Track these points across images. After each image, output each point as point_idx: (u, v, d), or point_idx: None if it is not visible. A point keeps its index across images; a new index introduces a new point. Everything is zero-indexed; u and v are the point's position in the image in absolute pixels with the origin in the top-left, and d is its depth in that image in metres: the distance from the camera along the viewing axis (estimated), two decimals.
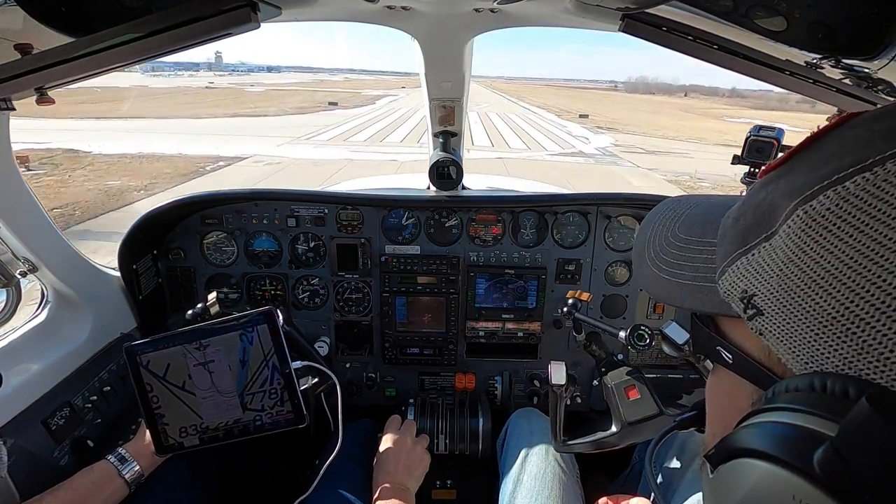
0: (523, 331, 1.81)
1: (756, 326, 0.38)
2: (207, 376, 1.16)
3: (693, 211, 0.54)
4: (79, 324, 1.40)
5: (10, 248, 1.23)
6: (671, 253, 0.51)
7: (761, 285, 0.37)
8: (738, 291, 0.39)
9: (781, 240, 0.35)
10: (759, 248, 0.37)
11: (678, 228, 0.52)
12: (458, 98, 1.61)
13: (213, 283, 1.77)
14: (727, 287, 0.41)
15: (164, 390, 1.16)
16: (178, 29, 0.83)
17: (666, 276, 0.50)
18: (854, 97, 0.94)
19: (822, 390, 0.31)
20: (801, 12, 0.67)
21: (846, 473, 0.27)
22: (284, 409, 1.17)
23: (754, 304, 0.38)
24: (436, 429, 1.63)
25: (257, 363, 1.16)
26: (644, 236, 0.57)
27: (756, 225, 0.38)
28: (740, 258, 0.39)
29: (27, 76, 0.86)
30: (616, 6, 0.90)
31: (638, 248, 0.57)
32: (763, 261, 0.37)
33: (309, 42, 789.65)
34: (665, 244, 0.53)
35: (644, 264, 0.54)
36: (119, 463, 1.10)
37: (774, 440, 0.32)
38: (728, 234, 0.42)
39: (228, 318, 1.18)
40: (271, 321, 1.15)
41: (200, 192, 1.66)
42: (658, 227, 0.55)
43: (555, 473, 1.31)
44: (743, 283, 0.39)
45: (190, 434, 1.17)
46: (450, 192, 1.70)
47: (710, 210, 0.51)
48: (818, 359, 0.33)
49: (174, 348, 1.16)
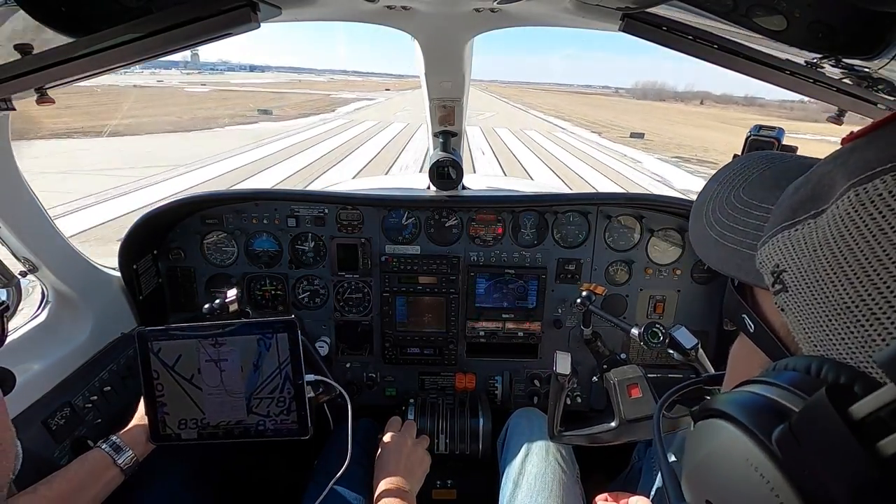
0: (523, 331, 1.81)
1: (780, 302, 0.38)
2: (217, 374, 1.16)
3: (765, 172, 0.51)
4: (79, 324, 1.40)
5: (10, 248, 1.23)
6: (728, 214, 0.49)
7: (793, 262, 0.36)
8: (771, 264, 0.39)
9: (826, 220, 0.34)
10: (803, 224, 0.36)
11: (743, 190, 0.50)
12: (458, 98, 1.61)
13: (213, 283, 1.77)
14: (763, 258, 0.40)
15: (170, 380, 1.17)
16: (178, 29, 0.83)
17: (714, 236, 0.49)
18: (854, 97, 0.94)
19: (815, 374, 0.32)
20: (801, 12, 0.67)
21: (796, 452, 0.29)
22: (290, 419, 1.17)
23: (782, 280, 0.37)
24: (436, 429, 1.63)
25: (271, 370, 1.16)
26: (708, 192, 0.54)
27: (811, 199, 0.36)
28: (784, 231, 0.38)
29: (27, 76, 0.86)
30: (616, 6, 0.90)
31: (699, 203, 0.55)
32: (803, 238, 0.36)
33: (298, 42, 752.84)
34: (725, 204, 0.50)
35: (699, 221, 0.52)
36: (114, 452, 1.10)
37: (745, 408, 0.34)
38: (783, 204, 0.40)
39: (250, 320, 1.18)
40: (293, 332, 1.15)
41: (201, 192, 1.66)
42: (725, 184, 0.53)
43: (555, 473, 1.31)
44: (777, 257, 0.38)
45: (189, 427, 1.17)
46: (450, 192, 1.70)
47: (781, 173, 0.49)
48: (826, 344, 0.34)
49: (189, 341, 1.16)
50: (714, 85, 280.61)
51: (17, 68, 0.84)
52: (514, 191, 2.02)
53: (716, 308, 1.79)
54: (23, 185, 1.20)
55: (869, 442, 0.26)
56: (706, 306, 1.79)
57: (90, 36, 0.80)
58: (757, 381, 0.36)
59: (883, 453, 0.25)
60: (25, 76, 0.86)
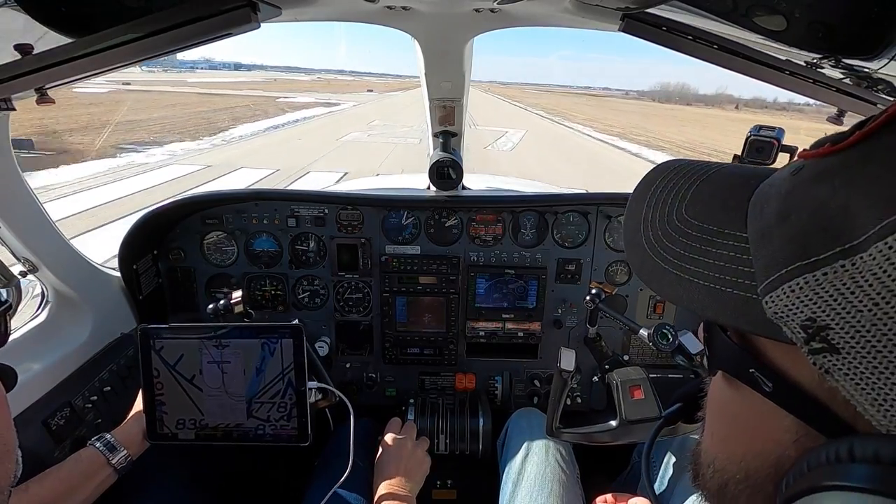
0: (523, 331, 1.81)
1: (822, 363, 0.30)
2: (219, 375, 1.16)
3: (701, 188, 0.43)
4: (79, 324, 1.40)
5: (10, 248, 1.23)
6: (680, 242, 0.41)
7: (839, 318, 0.29)
8: (798, 317, 0.31)
9: (875, 262, 0.27)
10: (833, 268, 0.29)
11: (685, 209, 0.42)
12: (458, 98, 1.61)
13: (213, 283, 1.77)
14: (781, 308, 0.32)
15: (170, 379, 1.16)
16: (178, 29, 0.83)
17: (675, 272, 0.40)
18: (854, 97, 0.94)
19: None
20: (801, 12, 0.67)
21: None
22: (290, 426, 1.17)
23: (826, 339, 0.30)
24: (436, 429, 1.63)
25: (273, 375, 1.15)
26: (638, 214, 0.46)
27: (821, 232, 0.30)
28: (802, 275, 0.31)
29: (27, 76, 0.86)
30: (616, 6, 0.90)
31: (630, 228, 0.46)
32: (842, 285, 0.29)
33: (298, 42, 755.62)
34: (670, 229, 0.42)
35: (641, 251, 0.44)
36: (108, 451, 1.09)
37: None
38: (773, 236, 0.34)
39: (257, 324, 1.18)
40: (298, 338, 1.15)
41: (201, 192, 1.66)
42: (658, 205, 0.45)
43: (555, 473, 1.31)
44: (809, 310, 0.30)
45: (187, 427, 1.17)
46: (450, 192, 1.70)
47: (726, 187, 0.42)
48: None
49: (192, 340, 1.16)
50: (741, 89, 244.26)
51: (17, 68, 0.84)
52: (514, 191, 2.02)
53: None
54: (23, 185, 1.20)
55: None
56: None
57: (90, 36, 0.80)
58: (839, 487, 0.28)
59: None
60: (25, 76, 0.86)
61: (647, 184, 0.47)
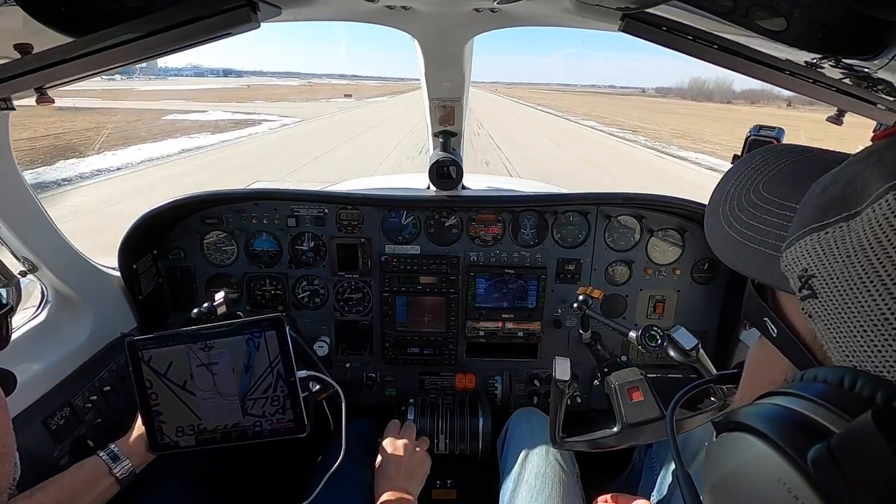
0: (523, 330, 1.81)
1: (807, 308, 0.36)
2: (210, 378, 1.16)
3: (786, 168, 0.48)
4: (79, 324, 1.40)
5: (11, 248, 1.23)
6: (747, 211, 0.47)
7: (824, 267, 0.35)
8: (798, 268, 0.37)
9: (861, 224, 0.32)
10: (835, 228, 0.34)
11: (763, 185, 0.47)
12: (458, 98, 1.61)
13: (213, 283, 1.77)
14: (790, 261, 0.38)
15: (163, 388, 1.16)
16: (178, 29, 0.83)
17: (734, 234, 0.46)
18: (854, 97, 0.94)
19: (849, 388, 0.30)
20: (801, 12, 0.67)
21: (835, 478, 0.27)
22: (286, 418, 1.16)
23: (811, 286, 0.36)
24: (436, 429, 1.63)
25: (262, 369, 1.15)
26: (725, 186, 0.51)
27: (842, 200, 0.34)
28: (813, 233, 0.36)
29: (27, 76, 0.86)
30: (616, 6, 0.90)
31: (715, 198, 0.52)
32: (834, 242, 0.34)
33: (269, 44, 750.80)
34: (744, 200, 0.48)
35: (716, 216, 0.50)
36: (111, 461, 1.10)
37: (776, 423, 0.32)
38: (810, 203, 0.38)
39: (237, 321, 1.17)
40: (280, 329, 1.14)
41: (200, 192, 1.66)
42: (744, 179, 0.50)
43: (555, 473, 1.31)
44: (806, 261, 0.36)
45: (186, 434, 1.17)
46: (450, 192, 1.70)
47: (804, 169, 0.46)
48: (859, 355, 0.33)
49: (178, 346, 1.16)
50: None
51: (17, 68, 0.84)
52: (514, 191, 2.02)
53: (716, 308, 1.79)
54: (23, 185, 1.20)
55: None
56: (706, 306, 1.79)
57: (90, 36, 0.80)
58: (784, 392, 0.34)
59: None
60: (25, 76, 0.86)
61: (745, 161, 0.52)
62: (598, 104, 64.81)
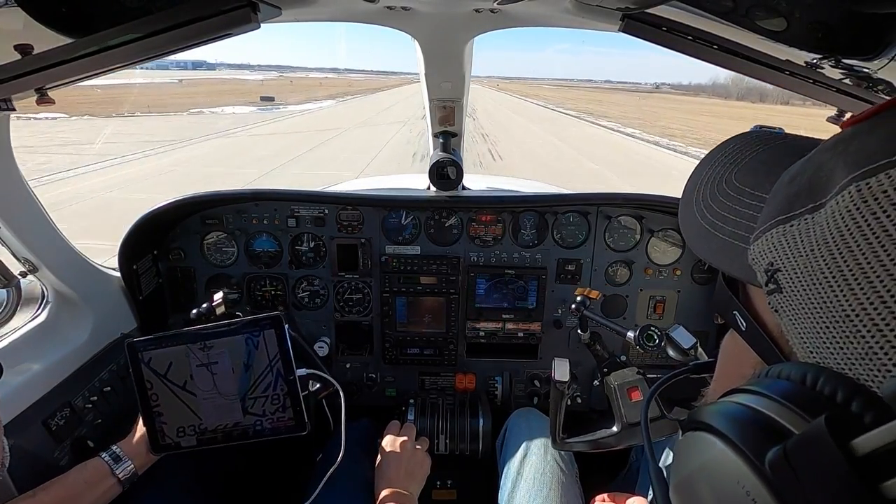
0: (523, 331, 1.81)
1: (773, 302, 0.36)
2: (210, 377, 1.16)
3: (759, 156, 0.46)
4: (79, 324, 1.40)
5: (11, 248, 1.23)
6: (719, 201, 0.45)
7: (788, 261, 0.34)
8: (764, 261, 0.36)
9: (824, 216, 0.31)
10: (800, 220, 0.33)
11: (736, 175, 0.46)
12: (459, 98, 1.61)
13: (213, 283, 1.77)
14: (756, 254, 0.37)
15: (164, 389, 1.16)
16: (178, 29, 0.83)
17: (706, 225, 0.45)
18: (854, 97, 0.94)
19: (811, 386, 0.30)
20: (801, 12, 0.67)
21: (790, 479, 0.27)
22: (286, 416, 1.16)
23: (776, 280, 0.35)
24: (436, 429, 1.63)
25: (261, 368, 1.15)
26: (699, 176, 0.50)
27: (808, 191, 0.33)
28: (778, 226, 0.35)
29: (27, 76, 0.86)
30: (616, 6, 0.90)
31: (689, 187, 0.51)
32: (799, 235, 0.33)
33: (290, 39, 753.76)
34: (717, 190, 0.46)
35: (689, 207, 0.49)
36: (113, 462, 1.10)
37: (736, 423, 0.32)
38: (778, 194, 0.37)
39: (235, 320, 1.17)
40: (279, 327, 1.14)
41: (201, 192, 1.66)
42: (717, 167, 0.48)
43: (554, 473, 1.31)
44: (771, 254, 0.35)
45: (188, 434, 1.17)
46: (450, 193, 1.70)
47: (776, 157, 0.44)
48: (822, 352, 0.32)
49: (178, 347, 1.16)
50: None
51: (17, 68, 0.84)
52: (514, 191, 2.02)
53: None
54: (23, 185, 1.20)
55: (871, 481, 0.23)
56: (706, 307, 1.79)
57: (90, 36, 0.80)
58: (747, 390, 0.33)
59: (886, 495, 0.23)
60: (25, 76, 0.86)
61: (719, 149, 0.51)
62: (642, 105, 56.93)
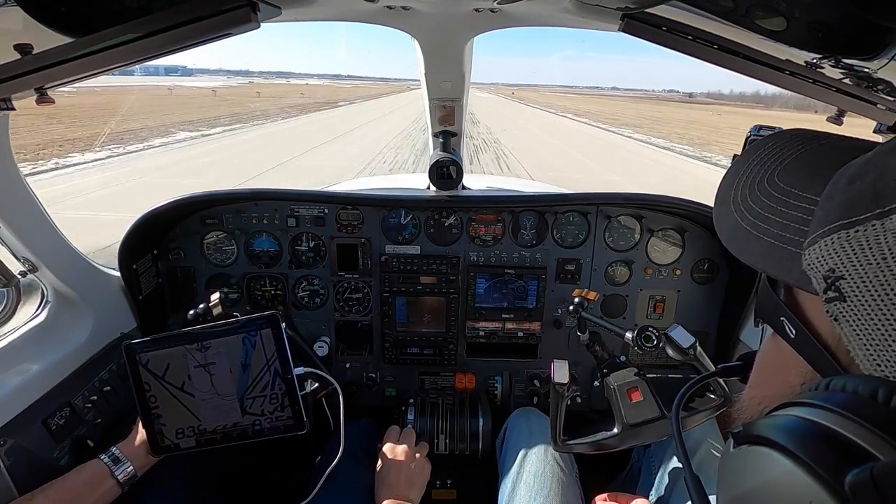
0: (523, 331, 1.81)
1: (833, 311, 0.34)
2: (207, 378, 1.16)
3: (803, 155, 0.44)
4: (79, 324, 1.40)
5: (11, 248, 1.23)
6: (762, 202, 0.43)
7: (854, 270, 0.32)
8: (823, 268, 0.34)
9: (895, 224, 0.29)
10: (865, 226, 0.31)
11: (778, 174, 0.44)
12: (458, 98, 1.61)
13: (213, 283, 1.77)
14: (813, 259, 0.35)
15: (162, 390, 1.16)
16: (178, 29, 0.83)
17: (746, 227, 0.43)
18: (854, 97, 0.94)
19: (884, 402, 0.28)
20: (801, 12, 0.67)
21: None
22: (285, 415, 1.16)
23: (838, 288, 0.33)
24: (436, 429, 1.63)
25: (259, 367, 1.15)
26: (736, 174, 0.48)
27: (873, 196, 0.31)
28: (839, 231, 0.33)
29: (27, 76, 0.86)
30: (616, 6, 0.90)
31: (725, 186, 0.49)
32: (866, 242, 0.31)
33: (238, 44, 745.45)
34: (758, 190, 0.44)
35: (726, 206, 0.47)
36: (112, 464, 1.10)
37: (806, 441, 0.29)
38: (835, 197, 0.35)
39: (231, 320, 1.17)
40: (275, 326, 1.14)
41: (200, 192, 1.66)
42: (756, 166, 0.47)
43: (554, 473, 1.31)
44: (832, 261, 0.33)
45: (187, 435, 1.17)
46: (450, 192, 1.70)
47: (824, 157, 0.43)
48: (894, 365, 0.30)
49: (175, 348, 1.16)
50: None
51: (17, 68, 0.84)
52: (514, 191, 2.02)
53: (716, 309, 1.79)
54: (23, 185, 1.20)
55: None
56: (706, 306, 1.79)
57: (90, 36, 0.80)
58: (809, 403, 0.31)
59: None
60: (25, 76, 0.86)
61: (757, 147, 0.49)
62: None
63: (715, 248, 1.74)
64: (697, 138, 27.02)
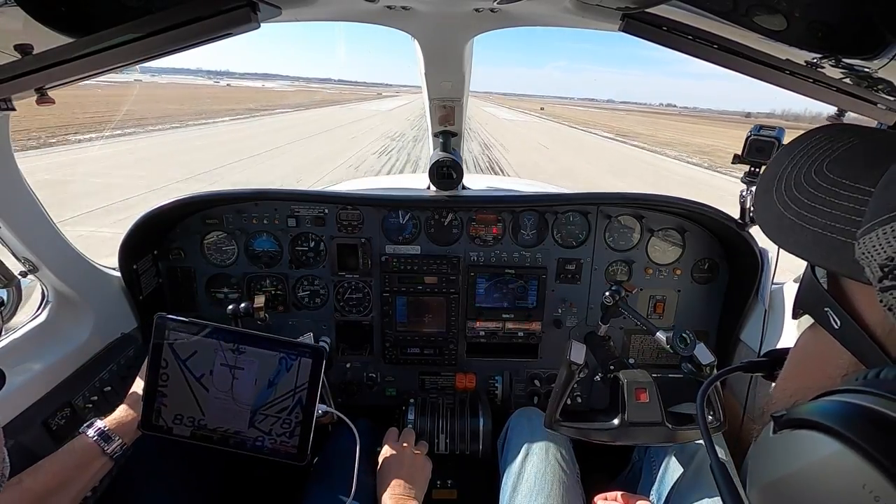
0: (523, 330, 1.81)
1: (888, 301, 0.33)
2: (229, 380, 1.15)
3: (855, 147, 0.44)
4: (79, 324, 1.40)
5: (11, 248, 1.23)
6: (808, 192, 0.43)
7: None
8: (881, 256, 0.33)
9: None
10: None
11: (827, 165, 0.43)
12: (458, 98, 1.61)
13: (213, 283, 1.77)
14: (868, 248, 0.34)
15: (178, 373, 1.15)
16: (178, 29, 0.83)
17: (791, 217, 0.43)
18: (854, 97, 0.94)
19: None
20: (801, 12, 0.67)
21: None
22: (290, 443, 1.15)
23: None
24: (436, 429, 1.63)
25: (285, 390, 1.15)
26: (779, 165, 0.48)
27: None
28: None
29: (27, 76, 0.86)
30: (616, 6, 0.90)
31: (767, 177, 0.48)
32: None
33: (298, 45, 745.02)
34: (804, 181, 0.44)
35: (768, 197, 0.46)
36: (103, 441, 1.08)
37: (858, 424, 0.29)
38: (892, 186, 0.35)
39: (278, 337, 1.16)
40: (318, 360, 1.14)
41: (201, 192, 1.66)
42: (801, 158, 0.46)
43: (555, 473, 1.31)
44: (892, 250, 0.33)
45: (184, 424, 1.16)
46: (450, 192, 1.70)
47: (877, 149, 0.43)
48: None
49: (209, 340, 1.15)
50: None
51: (17, 68, 0.84)
52: (514, 191, 2.02)
53: (716, 308, 1.79)
54: (23, 185, 1.20)
55: None
56: (706, 306, 1.79)
57: (90, 36, 0.80)
58: (857, 390, 0.31)
59: None
60: (25, 76, 0.86)
61: (802, 139, 0.48)
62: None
63: (715, 247, 1.74)
64: None
